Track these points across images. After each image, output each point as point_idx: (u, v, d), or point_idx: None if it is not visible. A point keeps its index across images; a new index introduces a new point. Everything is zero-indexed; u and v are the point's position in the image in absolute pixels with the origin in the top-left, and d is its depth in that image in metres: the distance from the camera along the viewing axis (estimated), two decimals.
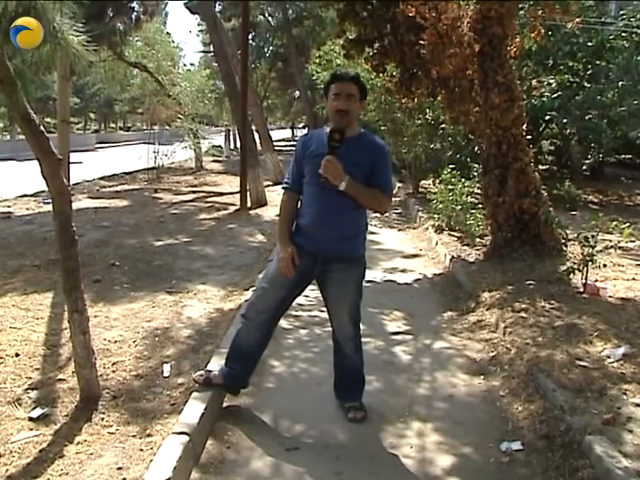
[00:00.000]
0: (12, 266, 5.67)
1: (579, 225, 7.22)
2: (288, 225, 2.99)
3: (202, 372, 3.19)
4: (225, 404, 3.18)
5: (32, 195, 11.01)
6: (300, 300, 3.55)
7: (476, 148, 7.50)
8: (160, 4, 19.75)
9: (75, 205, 4.35)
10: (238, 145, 15.34)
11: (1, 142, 31.17)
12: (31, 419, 2.82)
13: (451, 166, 8.75)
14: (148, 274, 5.63)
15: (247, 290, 5.09)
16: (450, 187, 8.04)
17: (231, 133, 27.55)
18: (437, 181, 9.18)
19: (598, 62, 11.73)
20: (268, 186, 11.99)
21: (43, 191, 10.11)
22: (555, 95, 11.24)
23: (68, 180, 4.97)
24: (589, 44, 11.57)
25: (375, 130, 11.47)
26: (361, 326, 3.13)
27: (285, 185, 3.03)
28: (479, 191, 7.36)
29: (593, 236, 4.77)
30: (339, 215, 2.85)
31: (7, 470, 2.42)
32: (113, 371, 3.41)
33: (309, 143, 2.96)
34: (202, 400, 2.97)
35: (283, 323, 4.34)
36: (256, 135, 12.66)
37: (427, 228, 8.29)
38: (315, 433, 2.93)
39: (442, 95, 6.49)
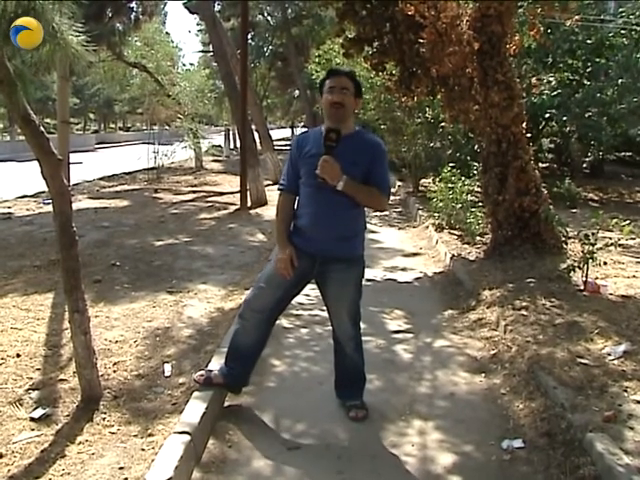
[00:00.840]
0: (12, 267, 5.67)
1: (579, 223, 7.22)
2: (285, 226, 2.97)
3: (203, 372, 3.19)
4: (226, 403, 3.18)
5: (32, 196, 11.02)
6: (301, 299, 3.56)
7: (476, 146, 7.51)
8: (159, 4, 19.74)
9: (75, 205, 4.35)
10: (238, 145, 15.35)
11: (1, 143, 31.16)
12: (32, 419, 2.82)
13: (451, 164, 8.75)
14: (149, 274, 5.63)
15: (247, 289, 5.07)
16: (450, 185, 8.04)
17: (231, 133, 27.56)
18: (437, 180, 9.18)
19: (597, 60, 11.73)
20: (268, 185, 11.98)
21: (43, 192, 10.11)
22: (555, 93, 11.24)
23: (68, 180, 4.97)
24: (588, 42, 11.57)
25: (375, 129, 11.49)
26: (362, 325, 3.13)
27: (281, 187, 3.01)
28: (479, 189, 7.37)
29: (593, 234, 4.76)
30: (337, 215, 2.84)
31: (9, 470, 2.42)
32: (114, 371, 3.41)
33: (304, 143, 2.93)
34: (203, 400, 2.97)
35: (284, 322, 4.35)
36: (256, 135, 12.65)
37: (427, 227, 8.29)
38: (316, 432, 2.93)
39: (442, 93, 6.49)
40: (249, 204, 10.38)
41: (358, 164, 2.80)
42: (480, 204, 7.20)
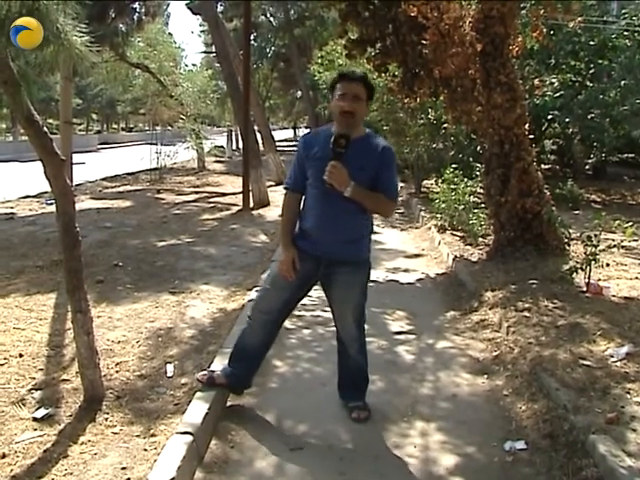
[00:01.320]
0: (15, 267, 5.68)
1: (582, 224, 7.21)
2: (290, 226, 2.96)
3: (205, 372, 3.19)
4: (229, 404, 3.19)
5: (35, 196, 11.03)
6: (303, 300, 3.54)
7: (478, 148, 7.51)
8: (162, 5, 19.80)
9: (78, 206, 4.36)
10: (240, 145, 15.36)
11: (4, 143, 31.23)
12: (35, 419, 2.83)
13: (453, 166, 8.75)
14: (151, 274, 5.64)
15: (250, 290, 5.09)
16: (452, 187, 8.04)
17: (233, 133, 27.56)
18: (439, 181, 9.17)
19: (600, 61, 11.73)
20: (270, 186, 11.99)
21: (46, 192, 10.15)
22: (557, 94, 11.23)
23: (71, 181, 4.99)
24: (591, 43, 11.56)
25: (377, 130, 11.47)
26: (364, 326, 3.13)
27: (287, 186, 3.00)
28: (481, 191, 7.35)
29: (596, 235, 4.76)
30: (343, 220, 2.82)
31: (12, 470, 2.43)
32: (117, 371, 3.41)
33: (311, 144, 2.89)
34: (206, 400, 2.97)
35: (286, 323, 4.29)
36: (258, 135, 12.67)
37: (430, 228, 8.29)
38: (319, 433, 2.93)
39: (444, 95, 6.49)
40: (251, 205, 10.38)
41: (366, 169, 2.77)
42: (482, 205, 7.19)
